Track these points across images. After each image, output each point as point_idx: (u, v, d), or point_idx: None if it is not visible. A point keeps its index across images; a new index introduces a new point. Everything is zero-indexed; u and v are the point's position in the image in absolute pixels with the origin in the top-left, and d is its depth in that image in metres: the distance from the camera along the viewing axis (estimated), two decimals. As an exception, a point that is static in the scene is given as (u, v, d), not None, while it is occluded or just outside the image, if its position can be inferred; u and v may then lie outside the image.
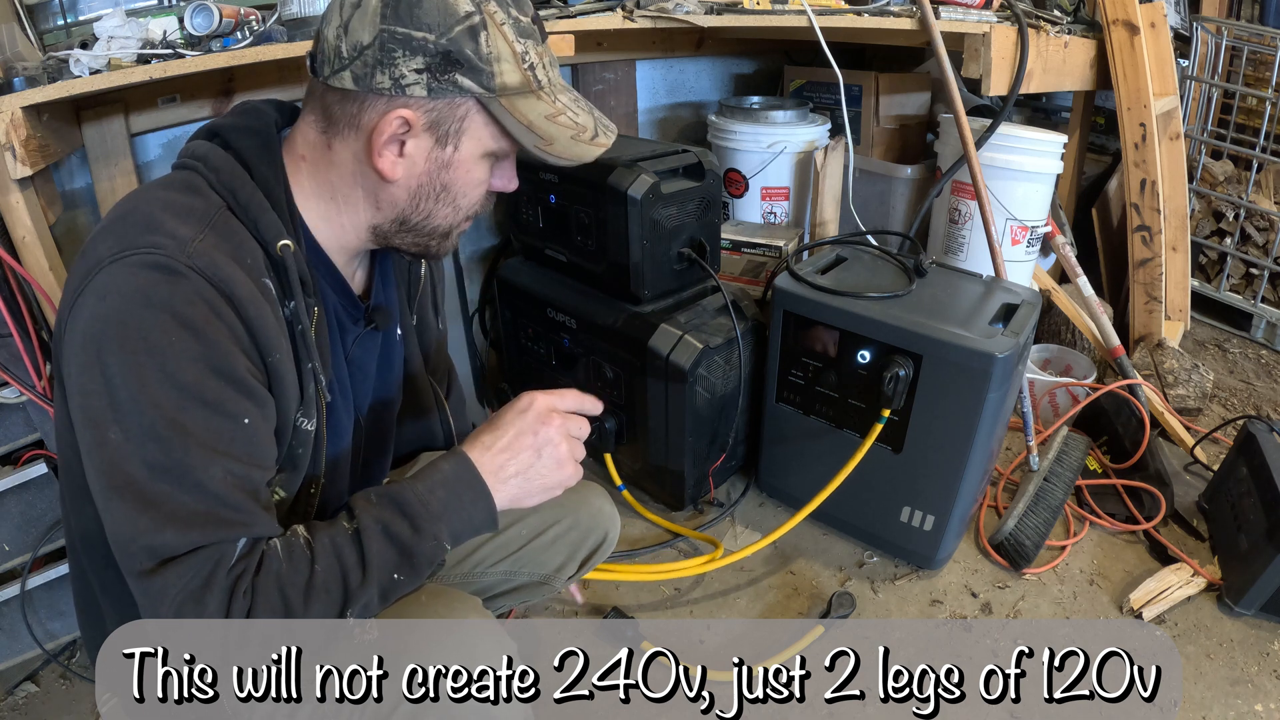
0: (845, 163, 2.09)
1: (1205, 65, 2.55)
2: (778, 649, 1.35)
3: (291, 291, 0.74)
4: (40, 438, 1.26)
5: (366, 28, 0.70)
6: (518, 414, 0.81)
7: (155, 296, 0.64)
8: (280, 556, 0.68)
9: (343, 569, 0.70)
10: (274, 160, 0.76)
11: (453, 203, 0.80)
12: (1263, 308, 2.42)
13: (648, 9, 1.77)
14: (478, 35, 0.71)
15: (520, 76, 0.74)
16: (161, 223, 0.68)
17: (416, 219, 0.80)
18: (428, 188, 0.78)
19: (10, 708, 1.28)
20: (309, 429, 0.79)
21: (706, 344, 1.50)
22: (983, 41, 1.66)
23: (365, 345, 0.91)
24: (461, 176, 0.78)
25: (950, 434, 1.38)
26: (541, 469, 0.80)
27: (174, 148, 1.58)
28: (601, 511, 1.12)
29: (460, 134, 0.75)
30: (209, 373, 0.66)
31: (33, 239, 1.17)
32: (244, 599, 0.65)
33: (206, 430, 0.66)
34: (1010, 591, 1.49)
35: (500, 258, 2.18)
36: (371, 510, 0.73)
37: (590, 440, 0.88)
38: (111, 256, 0.65)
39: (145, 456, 0.64)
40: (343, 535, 0.71)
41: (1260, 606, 1.39)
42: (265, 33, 1.28)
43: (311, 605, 0.67)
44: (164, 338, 0.64)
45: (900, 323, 1.36)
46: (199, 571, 0.64)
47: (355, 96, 0.73)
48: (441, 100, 0.73)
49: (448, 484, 0.76)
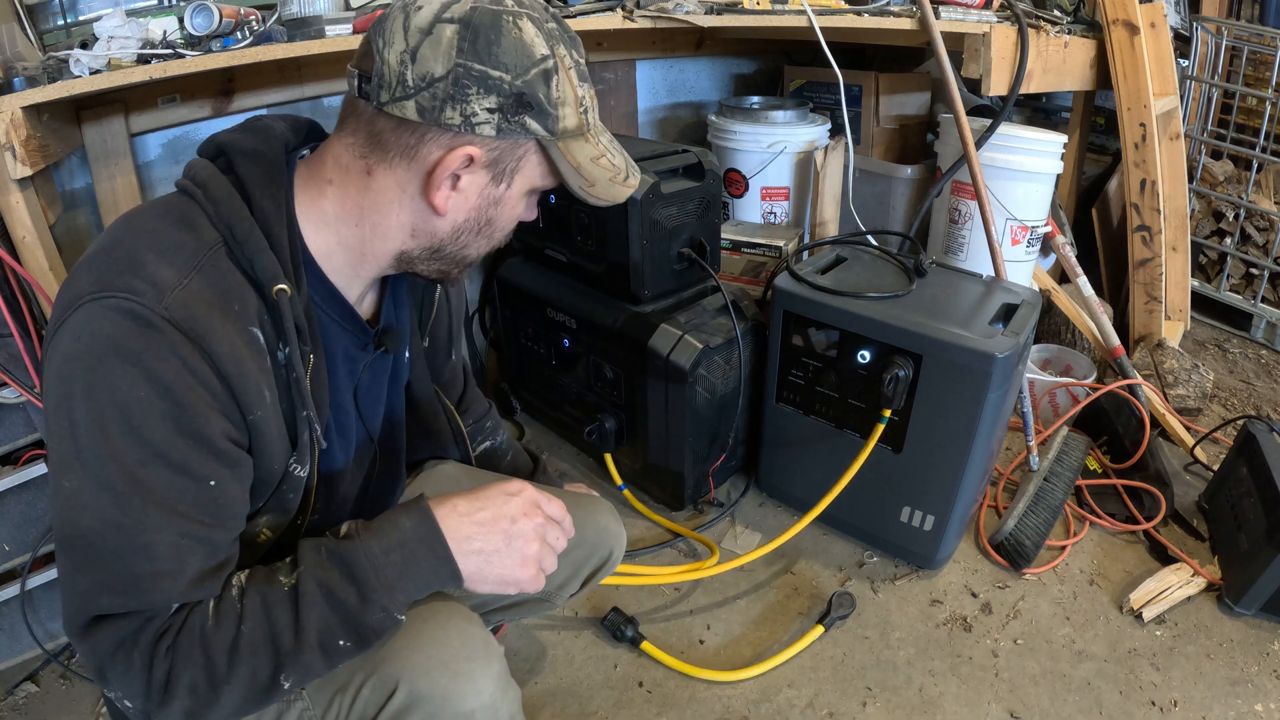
0: (845, 163, 2.09)
1: (1205, 65, 2.54)
2: (778, 649, 1.35)
3: (286, 338, 0.71)
4: (40, 437, 1.26)
5: (440, 59, 0.67)
6: (504, 495, 0.78)
7: (126, 348, 0.62)
8: (209, 614, 0.66)
9: (272, 630, 0.66)
10: (278, 192, 0.72)
11: (490, 236, 0.80)
12: (1263, 308, 2.42)
13: (648, 9, 1.77)
14: (550, 79, 0.70)
15: (578, 120, 0.74)
16: (144, 263, 0.65)
17: (452, 249, 0.79)
18: (474, 222, 0.77)
19: (10, 708, 1.28)
20: (301, 475, 0.77)
21: (706, 344, 1.50)
22: (983, 41, 1.66)
23: (375, 369, 0.90)
24: (506, 212, 0.78)
25: (950, 434, 1.38)
26: (505, 559, 0.76)
27: (174, 148, 1.58)
28: (608, 529, 1.10)
29: (515, 173, 0.75)
30: (175, 432, 0.64)
31: (33, 239, 1.17)
32: (165, 658, 0.63)
33: (168, 490, 0.64)
34: (1010, 591, 1.49)
35: (500, 258, 2.17)
36: (317, 570, 0.69)
37: (590, 440, 0.87)
38: (90, 294, 0.63)
39: (99, 511, 0.62)
40: (277, 593, 0.68)
41: (1260, 606, 1.39)
42: (265, 33, 1.27)
43: (236, 666, 0.65)
44: (132, 392, 0.62)
45: (900, 323, 1.36)
46: (128, 630, 0.64)
47: (415, 128, 0.70)
48: (507, 140, 0.72)
49: (405, 545, 0.72)
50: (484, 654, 0.77)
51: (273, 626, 0.67)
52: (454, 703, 0.74)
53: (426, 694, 0.74)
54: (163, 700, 0.64)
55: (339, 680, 0.76)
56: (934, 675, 1.32)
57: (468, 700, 0.75)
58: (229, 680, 0.65)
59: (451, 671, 0.75)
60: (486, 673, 0.76)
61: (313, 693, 0.78)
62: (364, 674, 0.75)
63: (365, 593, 0.69)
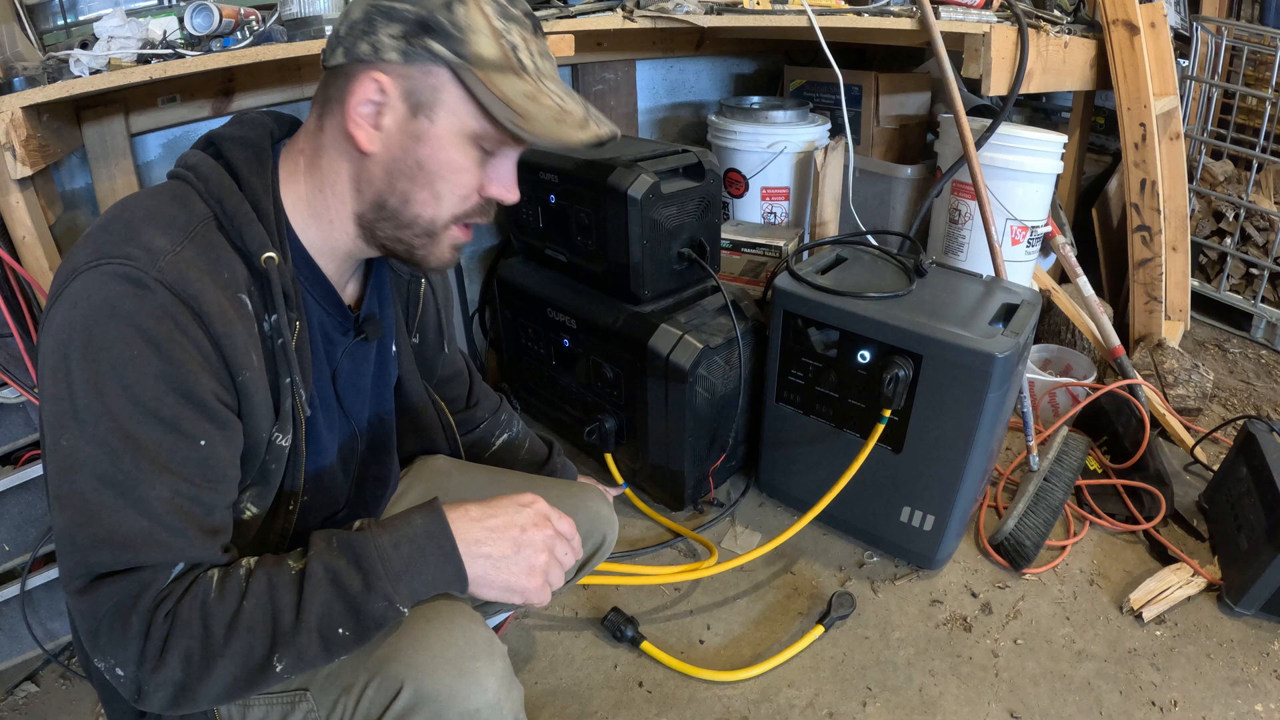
0: (845, 163, 2.09)
1: (1205, 65, 2.54)
2: (778, 649, 1.35)
3: (274, 305, 0.74)
4: (40, 438, 1.26)
5: (359, 6, 0.74)
6: (516, 506, 0.79)
7: (121, 309, 0.64)
8: (213, 586, 0.66)
9: (274, 609, 0.67)
10: (264, 171, 0.76)
11: (430, 185, 0.76)
12: (1263, 308, 2.42)
13: (648, 9, 1.77)
14: (453, 6, 0.72)
15: (497, 51, 0.73)
16: (139, 233, 0.68)
17: (394, 202, 0.77)
18: (402, 162, 0.75)
19: (10, 708, 1.28)
20: (283, 444, 0.78)
21: (706, 344, 1.50)
22: (983, 41, 1.66)
23: (356, 357, 0.90)
24: (437, 154, 0.75)
25: (950, 434, 1.38)
26: (513, 566, 0.76)
27: (174, 148, 1.58)
28: (599, 515, 1.11)
29: (435, 106, 0.74)
30: (168, 390, 0.66)
31: (33, 239, 1.17)
32: (164, 623, 0.64)
33: (159, 447, 0.65)
34: (1010, 591, 1.49)
35: (500, 258, 2.18)
36: (325, 555, 0.70)
37: (590, 440, 0.87)
38: (87, 264, 0.66)
39: (94, 467, 0.64)
40: (284, 575, 0.69)
41: (1260, 606, 1.39)
42: (265, 33, 1.28)
43: (232, 641, 0.65)
44: (126, 350, 0.64)
45: (900, 323, 1.36)
46: (128, 592, 0.64)
47: (342, 70, 0.74)
48: (416, 67, 0.73)
49: (414, 540, 0.72)
50: (488, 652, 0.78)
51: (275, 605, 0.67)
52: (459, 701, 0.74)
53: (432, 693, 0.74)
54: (156, 667, 0.64)
55: (343, 681, 0.76)
56: (934, 675, 1.32)
57: (473, 698, 0.75)
58: (224, 654, 0.65)
59: (457, 670, 0.75)
60: (491, 670, 0.76)
61: (317, 693, 0.78)
62: (368, 674, 0.75)
63: (370, 580, 0.69)
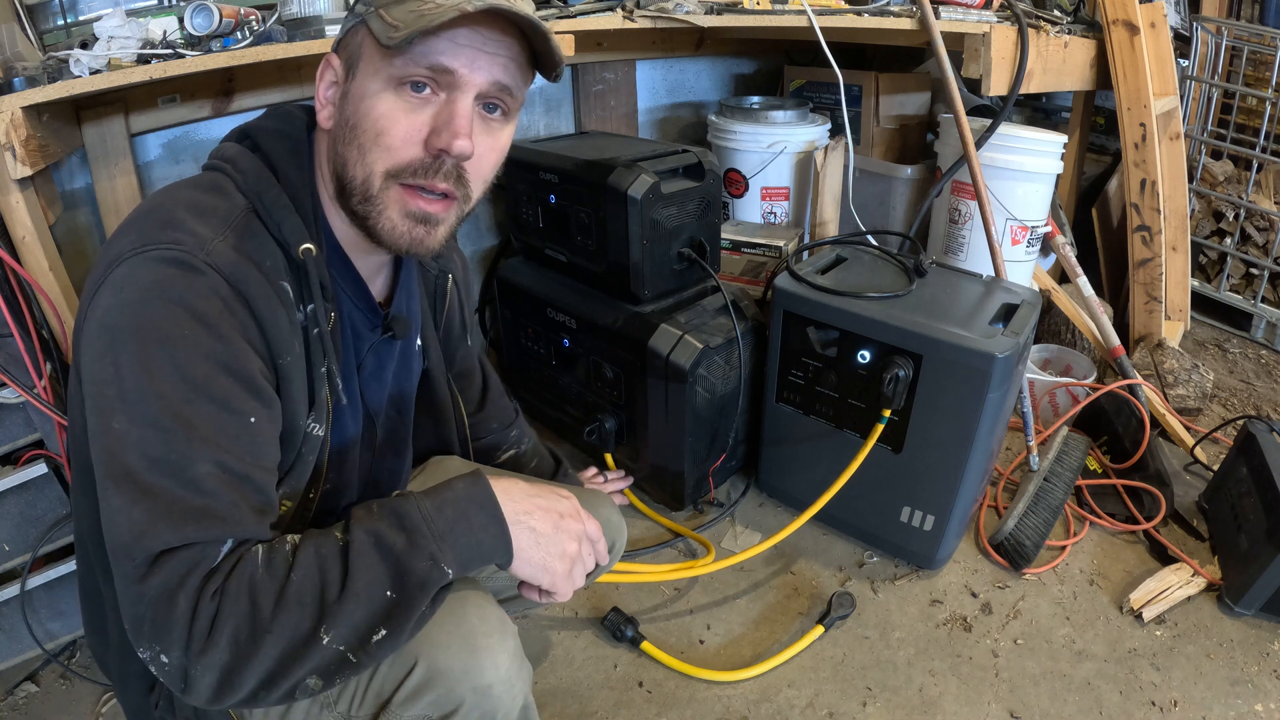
0: (845, 163, 2.09)
1: (1205, 65, 2.54)
2: (778, 649, 1.35)
3: (310, 295, 0.75)
4: (40, 438, 1.26)
5: None
6: (556, 495, 0.80)
7: (171, 290, 0.65)
8: (260, 562, 0.65)
9: (321, 581, 0.65)
10: (302, 164, 0.77)
11: (356, 140, 0.73)
12: (1263, 308, 2.42)
13: (648, 9, 1.77)
14: None
15: None
16: (182, 220, 0.69)
17: (340, 170, 0.76)
18: (341, 127, 0.75)
19: (10, 708, 1.28)
20: (319, 434, 0.79)
21: (706, 344, 1.50)
22: (983, 41, 1.66)
23: (381, 353, 0.91)
24: (358, 106, 0.73)
25: (950, 434, 1.38)
26: (551, 545, 0.76)
27: (174, 148, 1.58)
28: (609, 521, 1.11)
29: (358, 60, 0.74)
30: (218, 369, 0.66)
31: (33, 239, 1.17)
32: (211, 601, 0.62)
33: (210, 425, 0.65)
34: (1010, 591, 1.49)
35: (500, 258, 2.18)
36: (367, 521, 0.69)
37: (590, 440, 0.88)
38: (132, 251, 0.66)
39: (145, 447, 0.63)
40: (330, 546, 0.67)
41: (1260, 606, 1.39)
42: (265, 33, 1.28)
43: (280, 615, 0.63)
44: (176, 330, 0.65)
45: (900, 323, 1.36)
46: (177, 571, 0.62)
47: None
48: (350, 35, 0.75)
49: (457, 503, 0.71)
50: (500, 630, 0.79)
51: (323, 577, 0.66)
52: (472, 676, 0.75)
53: (445, 669, 0.74)
54: (203, 649, 0.62)
55: None
56: (934, 675, 1.32)
57: (486, 674, 0.75)
58: (272, 629, 0.63)
59: (470, 646, 0.76)
60: (503, 648, 0.77)
61: None
62: None
63: (414, 539, 0.68)
